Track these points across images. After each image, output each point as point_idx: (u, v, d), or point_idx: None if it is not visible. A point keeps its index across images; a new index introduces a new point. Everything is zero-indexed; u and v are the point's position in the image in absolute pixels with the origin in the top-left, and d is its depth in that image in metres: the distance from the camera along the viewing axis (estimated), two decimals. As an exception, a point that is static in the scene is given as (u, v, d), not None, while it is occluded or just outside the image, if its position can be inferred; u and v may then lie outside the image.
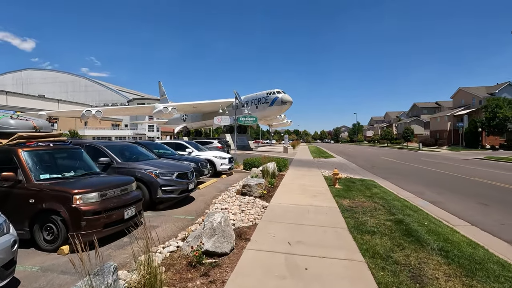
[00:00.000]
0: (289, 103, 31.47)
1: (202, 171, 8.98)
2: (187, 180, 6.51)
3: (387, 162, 22.46)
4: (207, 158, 11.15)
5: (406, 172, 15.82)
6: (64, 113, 37.45)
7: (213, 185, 9.34)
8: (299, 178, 11.30)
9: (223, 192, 8.26)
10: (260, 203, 6.84)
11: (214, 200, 7.10)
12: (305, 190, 8.80)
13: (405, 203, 7.71)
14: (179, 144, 11.75)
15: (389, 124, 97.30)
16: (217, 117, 15.07)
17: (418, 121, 72.65)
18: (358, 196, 8.15)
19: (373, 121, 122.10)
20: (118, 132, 72.69)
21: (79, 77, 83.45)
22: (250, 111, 35.28)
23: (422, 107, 74.93)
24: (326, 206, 6.75)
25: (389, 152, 38.92)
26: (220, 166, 11.26)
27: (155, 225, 5.05)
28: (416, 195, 9.51)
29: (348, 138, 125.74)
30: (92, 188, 4.02)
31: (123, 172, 5.97)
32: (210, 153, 11.62)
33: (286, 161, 14.80)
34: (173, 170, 6.27)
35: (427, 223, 5.76)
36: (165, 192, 5.98)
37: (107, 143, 6.76)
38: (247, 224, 5.21)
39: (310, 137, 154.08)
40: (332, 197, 7.90)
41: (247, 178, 8.44)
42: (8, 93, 55.56)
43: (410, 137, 49.08)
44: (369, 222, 5.55)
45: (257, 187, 7.72)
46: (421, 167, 18.11)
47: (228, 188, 8.77)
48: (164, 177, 6.04)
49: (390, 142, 67.33)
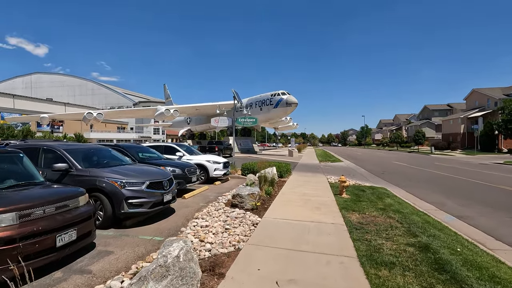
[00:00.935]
0: (294, 104, 30.27)
1: (189, 178, 7.89)
2: (162, 190, 5.41)
3: (398, 167, 21.00)
4: (199, 163, 10.07)
5: (421, 178, 14.41)
6: (67, 116, 37.13)
7: (202, 194, 8.23)
8: (301, 186, 10.10)
9: (211, 202, 7.14)
10: (251, 218, 5.69)
11: (197, 213, 5.98)
12: (307, 201, 7.60)
13: (426, 218, 6.44)
14: (169, 148, 10.73)
15: (398, 127, 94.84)
16: (214, 118, 14.03)
17: (429, 124, 70.28)
18: (369, 209, 6.92)
19: (382, 124, 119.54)
20: (124, 135, 72.64)
21: (86, 80, 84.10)
22: (254, 113, 34.18)
23: (433, 109, 72.58)
24: (331, 223, 5.55)
25: (399, 156, 37.21)
26: (214, 171, 10.15)
27: (109, 251, 3.95)
28: (436, 206, 8.21)
29: (356, 141, 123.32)
30: (6, 207, 2.95)
31: (81, 181, 4.92)
32: (203, 157, 10.55)
33: (289, 166, 13.61)
34: (144, 179, 5.18)
35: (460, 248, 4.50)
36: (131, 206, 4.89)
37: (70, 145, 5.73)
38: (227, 250, 4.07)
39: (317, 141, 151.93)
40: (338, 210, 6.69)
41: (240, 186, 7.31)
42: (15, 96, 55.99)
43: (421, 140, 47.09)
44: (386, 247, 4.34)
45: (250, 197, 6.58)
46: (436, 173, 16.63)
47: (218, 198, 7.64)
48: (131, 187, 4.95)
49: (400, 145, 65.18)
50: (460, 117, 50.91)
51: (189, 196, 7.71)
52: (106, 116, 35.53)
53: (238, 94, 14.31)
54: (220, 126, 13.67)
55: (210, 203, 7.11)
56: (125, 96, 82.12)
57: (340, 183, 8.66)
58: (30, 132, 42.28)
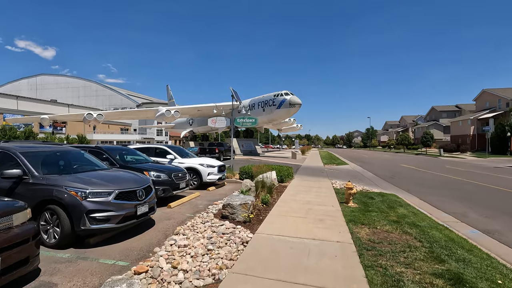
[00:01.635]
0: (298, 105, 29.35)
1: (176, 184, 7.04)
2: (135, 201, 4.57)
3: (408, 170, 19.90)
4: (191, 167, 9.23)
5: (434, 183, 13.36)
6: (67, 117, 36.75)
7: (191, 202, 7.37)
8: (303, 192, 9.18)
9: (199, 213, 6.27)
10: (241, 234, 4.81)
11: (180, 227, 5.12)
12: (309, 211, 6.69)
13: (448, 233, 5.49)
14: (159, 150, 9.91)
15: (405, 128, 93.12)
16: (212, 119, 13.19)
17: (437, 126, 68.59)
18: (380, 221, 5.98)
19: (388, 126, 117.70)
20: (127, 137, 72.42)
21: (90, 82, 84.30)
22: (257, 114, 33.34)
23: (441, 110, 70.83)
24: (336, 241, 4.64)
25: (407, 158, 35.96)
26: (208, 176, 9.29)
27: (52, 283, 3.10)
28: (457, 218, 7.23)
29: (361, 143, 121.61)
30: None
31: (36, 191, 4.11)
32: (196, 160, 9.70)
33: (291, 170, 12.70)
34: (112, 188, 4.33)
35: (501, 280, 3.55)
36: (95, 221, 4.05)
37: (30, 147, 4.91)
38: (203, 282, 3.19)
39: (322, 142, 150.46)
40: (345, 222, 5.77)
41: (233, 194, 6.45)
42: (18, 98, 56.09)
43: (429, 142, 45.66)
44: (407, 278, 3.41)
45: (242, 208, 5.70)
46: (450, 177, 15.54)
47: (208, 207, 6.77)
48: (94, 199, 4.11)
49: (406, 147, 63.63)
50: (469, 118, 49.35)
51: (176, 205, 6.85)
52: (107, 117, 35.03)
53: (237, 93, 13.47)
54: (218, 127, 12.83)
55: (198, 213, 6.24)
56: (129, 97, 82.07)
57: (346, 189, 7.73)
58: (33, 133, 42.14)
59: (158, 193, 6.57)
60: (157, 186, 6.56)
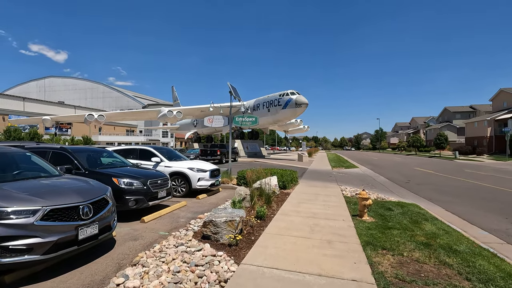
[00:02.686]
0: (304, 105, 28.00)
1: (152, 193, 5.82)
2: (77, 221, 3.37)
3: (424, 174, 18.29)
4: (178, 171, 8.02)
5: (457, 190, 11.82)
6: (69, 118, 36.30)
7: (172, 215, 6.15)
8: (308, 201, 7.87)
9: (177, 230, 5.05)
10: (221, 265, 3.56)
11: (143, 253, 3.91)
12: (315, 228, 5.40)
13: (499, 263, 4.12)
14: (144, 152, 8.76)
15: (416, 130, 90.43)
16: (208, 117, 12.01)
17: (450, 127, 66.02)
18: (406, 244, 4.65)
19: (398, 127, 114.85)
20: (132, 138, 72.18)
21: (97, 83, 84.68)
22: (262, 114, 32.12)
23: (454, 111, 68.19)
24: (351, 279, 3.34)
25: (421, 161, 34.08)
26: (198, 182, 8.07)
27: None
28: (499, 236, 5.82)
29: (370, 145, 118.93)
30: None
31: None
32: (185, 163, 8.49)
33: (295, 174, 11.40)
34: (40, 204, 3.13)
35: None
36: (8, 253, 2.86)
37: None
38: None
39: (330, 144, 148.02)
40: (361, 246, 4.46)
41: (218, 208, 5.22)
42: (25, 99, 56.33)
43: (443, 144, 43.41)
44: None
45: (228, 227, 4.46)
46: (473, 183, 13.94)
47: (190, 222, 5.53)
48: (8, 220, 2.93)
49: (418, 149, 61.24)
50: (486, 119, 46.93)
51: (151, 218, 5.64)
52: (109, 118, 34.39)
53: (236, 90, 12.27)
54: (215, 126, 11.66)
55: (176, 231, 5.01)
56: (135, 99, 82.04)
57: (360, 200, 6.39)
58: (37, 134, 41.93)
59: (129, 204, 5.39)
60: (128, 195, 5.37)
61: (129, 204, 5.33)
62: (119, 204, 5.24)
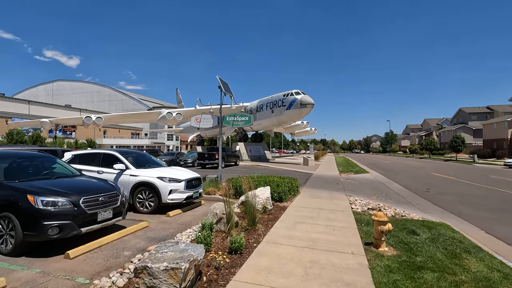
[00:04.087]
0: (310, 105, 26.23)
1: (87, 215, 4.18)
2: None
3: (444, 181, 16.26)
4: (145, 181, 6.46)
5: (490, 201, 9.88)
6: (68, 120, 35.47)
7: (118, 243, 4.55)
8: (308, 220, 6.19)
9: (106, 274, 3.45)
10: None
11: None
12: (311, 269, 3.73)
13: None
14: (108, 156, 7.18)
15: (428, 132, 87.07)
16: (195, 117, 10.48)
17: (465, 129, 62.79)
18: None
19: (409, 130, 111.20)
20: (138, 141, 71.59)
21: (104, 87, 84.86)
22: (265, 116, 30.50)
23: (470, 112, 64.95)
24: None
25: (437, 165, 31.72)
26: (169, 195, 6.47)
27: None
28: None
29: (380, 148, 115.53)
30: None
31: None
32: (156, 172, 6.87)
33: (295, 182, 9.72)
34: None
35: None
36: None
37: None
38: None
39: (338, 147, 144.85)
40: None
41: (162, 245, 3.61)
42: (30, 102, 56.36)
43: (460, 147, 40.64)
44: None
45: (169, 278, 2.85)
46: (506, 192, 11.92)
47: (133, 258, 3.93)
48: None
49: (431, 152, 58.28)
50: (506, 120, 43.99)
51: (82, 252, 4.02)
52: (108, 120, 33.40)
53: (227, 85, 10.70)
54: (203, 127, 10.11)
55: (105, 275, 3.42)
56: (141, 101, 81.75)
57: (375, 224, 4.68)
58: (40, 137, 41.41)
59: (49, 232, 3.82)
60: (47, 220, 3.81)
61: (48, 232, 3.77)
62: (33, 233, 3.72)
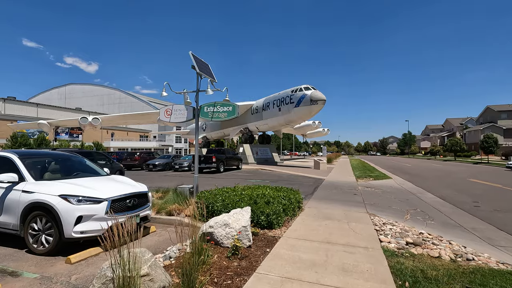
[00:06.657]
0: (321, 101, 23.39)
1: None
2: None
3: (491, 190, 13.04)
4: (40, 202, 4.01)
5: None
6: (65, 122, 34.16)
7: None
8: (305, 275, 3.52)
9: None
10: None
11: None
12: None
13: None
14: (2, 160, 4.86)
15: (450, 133, 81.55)
16: (165, 108, 8.07)
17: (494, 128, 57.61)
18: None
19: (429, 130, 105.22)
20: (145, 144, 70.58)
21: (114, 89, 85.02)
22: (273, 115, 27.84)
23: (499, 110, 59.67)
24: None
25: (469, 169, 27.93)
26: (76, 224, 3.90)
27: None
28: None
29: (398, 149, 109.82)
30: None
31: None
32: (63, 186, 4.27)
33: (297, 195, 7.07)
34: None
35: None
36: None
37: None
38: None
39: (353, 149, 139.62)
40: None
41: None
42: (39, 105, 56.31)
43: (492, 148, 36.41)
44: None
45: None
46: None
47: None
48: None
49: (456, 154, 53.59)
50: (544, 118, 39.26)
51: None
52: (106, 121, 31.77)
53: (208, 66, 8.17)
54: (174, 122, 7.69)
55: None
56: (150, 104, 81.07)
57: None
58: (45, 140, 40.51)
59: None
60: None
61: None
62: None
